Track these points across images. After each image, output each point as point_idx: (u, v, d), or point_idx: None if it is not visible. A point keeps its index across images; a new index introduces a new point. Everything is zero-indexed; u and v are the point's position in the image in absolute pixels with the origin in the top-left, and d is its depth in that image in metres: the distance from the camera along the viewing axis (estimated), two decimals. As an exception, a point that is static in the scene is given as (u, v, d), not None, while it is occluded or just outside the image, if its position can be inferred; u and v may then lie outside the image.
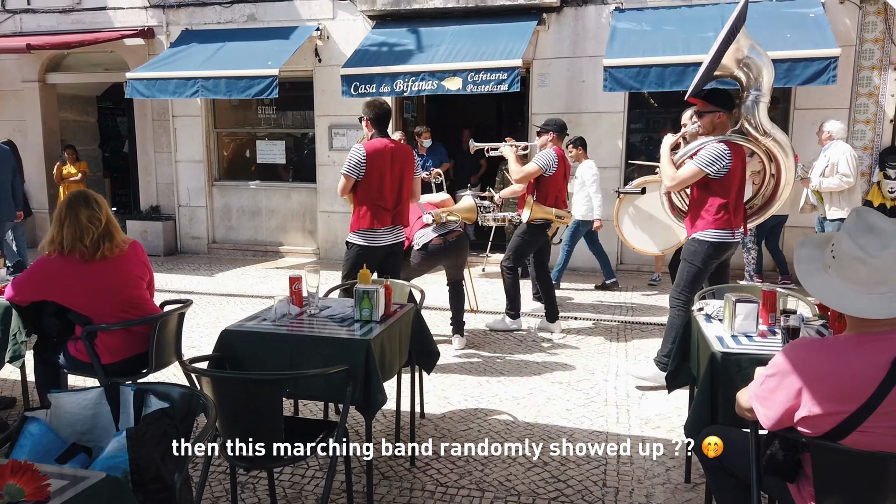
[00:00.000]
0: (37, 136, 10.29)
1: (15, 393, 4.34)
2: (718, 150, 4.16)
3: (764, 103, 4.28)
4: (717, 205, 4.23)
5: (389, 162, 4.45)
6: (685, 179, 4.29)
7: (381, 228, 4.50)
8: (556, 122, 5.78)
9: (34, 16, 9.83)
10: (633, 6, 7.99)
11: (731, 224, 4.26)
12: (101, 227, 3.22)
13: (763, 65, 4.29)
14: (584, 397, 4.41)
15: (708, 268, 4.35)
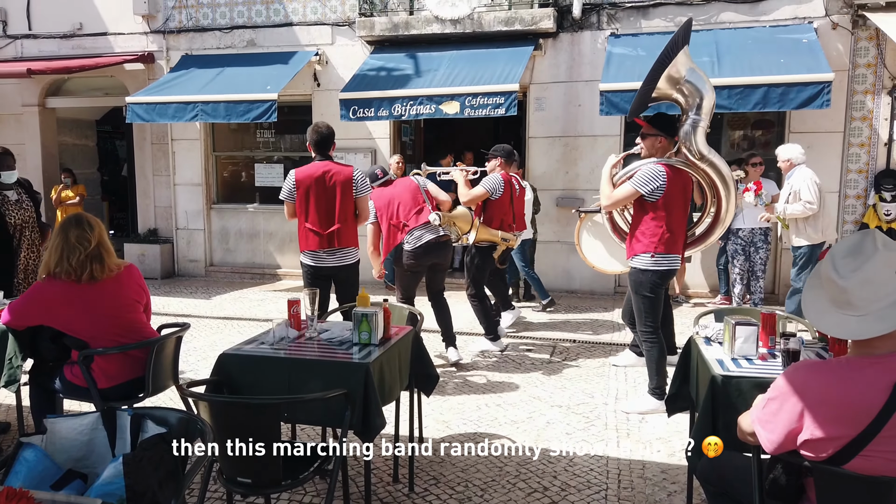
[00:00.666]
0: (36, 159, 10.31)
1: (10, 418, 4.30)
2: (654, 171, 4.18)
3: (702, 128, 4.26)
4: (653, 227, 4.25)
5: (323, 185, 4.58)
6: (620, 199, 4.36)
7: (317, 251, 4.65)
8: (503, 148, 5.93)
9: (35, 41, 9.92)
10: (628, 32, 8.09)
11: (666, 247, 4.25)
12: (89, 247, 3.19)
13: (702, 88, 4.25)
14: (584, 421, 4.38)
15: (658, 294, 4.36)
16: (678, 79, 4.23)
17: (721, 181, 4.41)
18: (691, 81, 4.24)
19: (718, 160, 4.37)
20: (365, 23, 8.48)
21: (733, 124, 8.53)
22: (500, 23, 8.11)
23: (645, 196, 4.21)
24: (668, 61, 4.17)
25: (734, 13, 7.81)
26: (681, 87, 4.25)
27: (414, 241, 5.17)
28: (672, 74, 4.19)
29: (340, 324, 3.57)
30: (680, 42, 4.19)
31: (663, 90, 4.26)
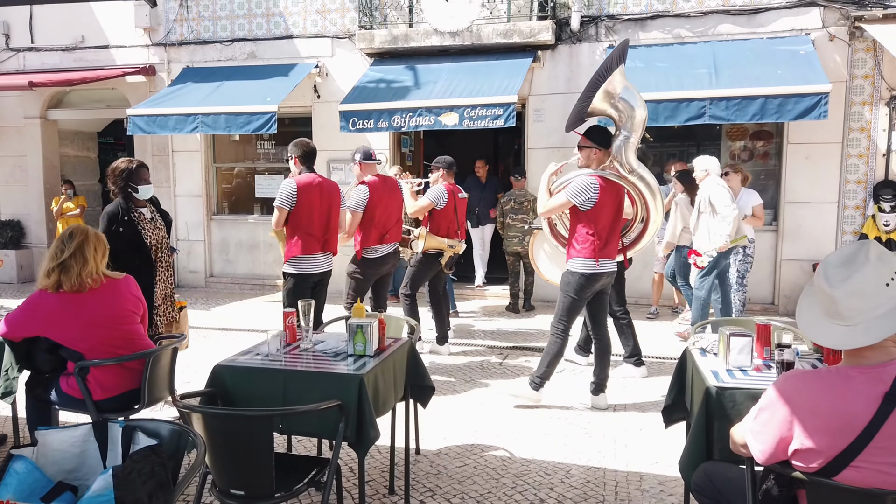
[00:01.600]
0: (37, 171, 10.37)
1: (7, 429, 4.29)
2: (587, 182, 4.40)
3: (633, 143, 4.46)
4: (584, 235, 4.48)
5: (318, 195, 4.86)
6: (554, 208, 4.63)
7: (312, 255, 4.88)
8: (444, 159, 6.23)
9: (38, 54, 9.99)
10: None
11: (598, 254, 4.47)
12: (60, 258, 3.20)
13: (635, 106, 4.44)
14: (582, 432, 4.36)
15: (582, 297, 4.59)
16: (613, 96, 4.43)
17: (649, 193, 4.60)
18: (625, 99, 4.44)
19: (647, 174, 4.58)
20: (365, 35, 8.53)
21: (732, 135, 8.55)
22: (499, 35, 8.16)
23: (577, 206, 4.43)
24: (602, 80, 4.37)
25: (731, 25, 7.85)
26: (615, 104, 4.44)
27: (374, 251, 5.48)
28: (608, 91, 4.40)
29: (336, 335, 3.56)
30: (615, 61, 4.39)
31: (599, 106, 4.47)
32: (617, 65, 4.36)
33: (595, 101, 4.41)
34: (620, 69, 4.39)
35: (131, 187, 4.38)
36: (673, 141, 8.91)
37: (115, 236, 4.10)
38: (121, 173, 4.37)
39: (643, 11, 8.09)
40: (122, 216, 4.30)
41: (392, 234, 5.59)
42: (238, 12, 9.29)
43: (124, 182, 4.38)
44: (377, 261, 5.52)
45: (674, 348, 6.23)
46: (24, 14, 9.90)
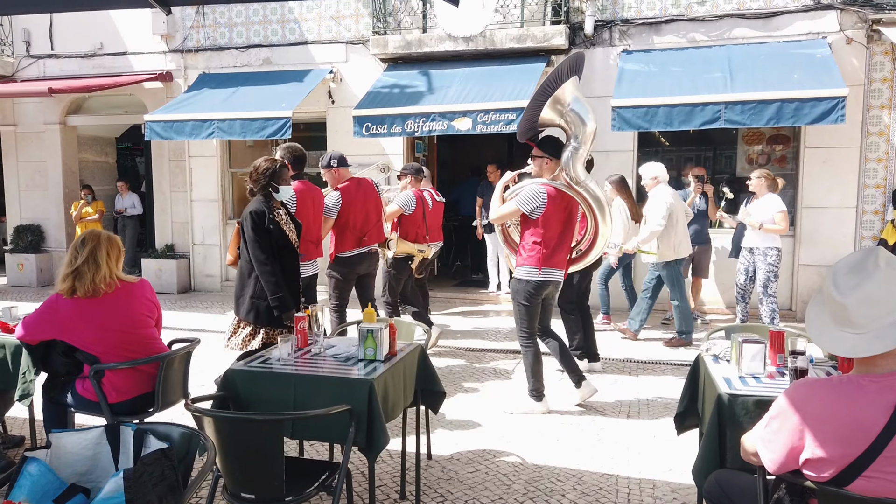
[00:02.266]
0: (57, 176, 10.52)
1: (24, 432, 4.34)
2: (536, 191, 4.48)
3: (581, 154, 4.46)
4: (531, 243, 4.56)
5: (311, 201, 5.08)
6: (504, 215, 4.70)
7: (308, 261, 5.07)
8: (412, 166, 6.54)
9: (57, 60, 10.15)
10: (641, 48, 8.10)
11: (542, 263, 4.52)
12: (75, 264, 3.25)
13: (584, 118, 4.46)
14: (595, 438, 4.34)
15: (533, 303, 4.63)
16: (563, 108, 4.46)
17: (596, 204, 4.64)
18: (575, 111, 4.46)
19: (594, 185, 4.62)
20: (378, 41, 8.57)
21: (749, 139, 8.48)
22: (512, 40, 8.16)
23: (527, 214, 4.51)
24: (551, 89, 4.41)
25: (747, 28, 7.79)
26: (565, 116, 4.47)
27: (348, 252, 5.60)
28: (557, 101, 4.43)
29: (346, 339, 3.58)
30: (566, 73, 4.42)
31: (549, 117, 4.50)
32: (568, 76, 4.40)
33: (544, 111, 4.44)
34: (573, 80, 4.43)
35: (273, 187, 4.20)
36: (689, 145, 8.86)
37: (265, 235, 4.01)
38: (264, 172, 4.20)
39: (657, 15, 8.05)
40: (267, 215, 4.09)
41: (371, 237, 5.66)
42: (254, 18, 9.37)
43: (267, 181, 4.19)
44: (351, 260, 5.59)
45: (689, 354, 6.18)
46: (44, 22, 10.06)
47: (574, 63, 4.47)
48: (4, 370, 3.65)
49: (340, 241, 5.56)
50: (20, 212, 10.84)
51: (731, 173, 8.77)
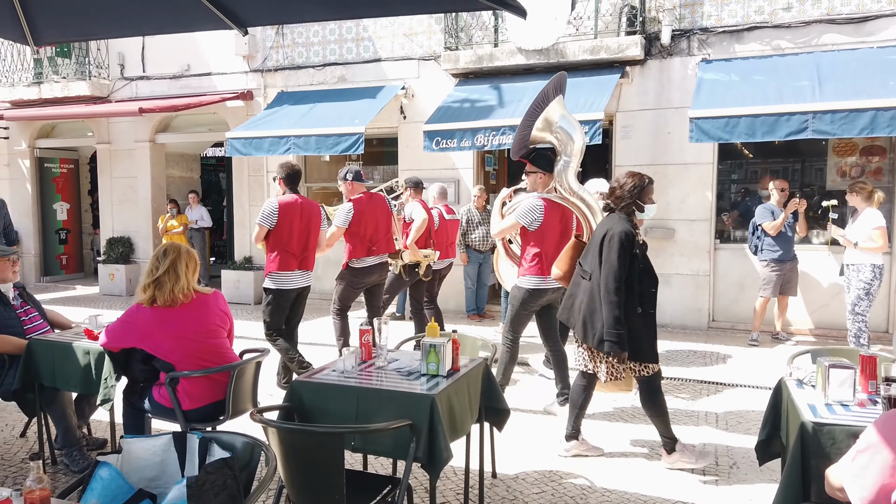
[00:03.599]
0: (146, 191, 11.10)
1: (108, 435, 4.54)
2: (533, 205, 4.77)
3: (572, 167, 4.78)
4: (532, 254, 4.83)
5: (298, 215, 5.27)
6: (505, 229, 4.98)
7: (289, 272, 5.31)
8: (411, 179, 6.88)
9: (148, 82, 10.74)
10: (721, 57, 7.81)
11: (542, 271, 4.77)
12: (155, 274, 3.37)
13: (572, 134, 4.77)
14: (668, 463, 4.13)
15: (528, 310, 4.90)
16: (552, 125, 4.79)
17: (591, 213, 4.86)
18: (563, 128, 4.78)
19: (587, 195, 4.87)
20: (450, 56, 8.63)
21: (839, 151, 8.02)
22: (586, 52, 8.04)
23: (525, 226, 4.78)
24: (539, 110, 4.72)
25: (837, 34, 7.38)
26: (555, 133, 4.78)
27: (360, 262, 5.80)
28: (546, 120, 4.76)
29: (410, 353, 3.56)
30: (552, 92, 4.73)
31: (539, 135, 4.81)
32: (554, 96, 4.71)
33: (535, 130, 4.76)
34: (558, 99, 4.73)
35: (637, 205, 3.91)
36: (774, 157, 8.45)
37: (627, 260, 3.73)
38: (631, 189, 3.88)
39: (739, 23, 7.75)
40: (634, 238, 3.79)
41: (380, 247, 5.90)
42: (330, 38, 9.63)
43: (632, 198, 3.89)
44: (362, 270, 5.81)
45: (773, 378, 5.84)
46: (137, 46, 10.68)
47: (558, 83, 4.78)
48: (89, 375, 3.82)
49: (353, 251, 5.79)
50: (112, 224, 11.48)
51: (820, 186, 8.31)
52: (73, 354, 3.85)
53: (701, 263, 8.05)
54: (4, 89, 11.35)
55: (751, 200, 8.35)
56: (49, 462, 4.10)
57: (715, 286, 8.12)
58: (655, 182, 7.11)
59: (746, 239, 7.78)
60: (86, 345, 3.86)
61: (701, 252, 8.04)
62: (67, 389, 4.05)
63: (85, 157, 12.95)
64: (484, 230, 8.25)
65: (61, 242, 12.56)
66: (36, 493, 1.75)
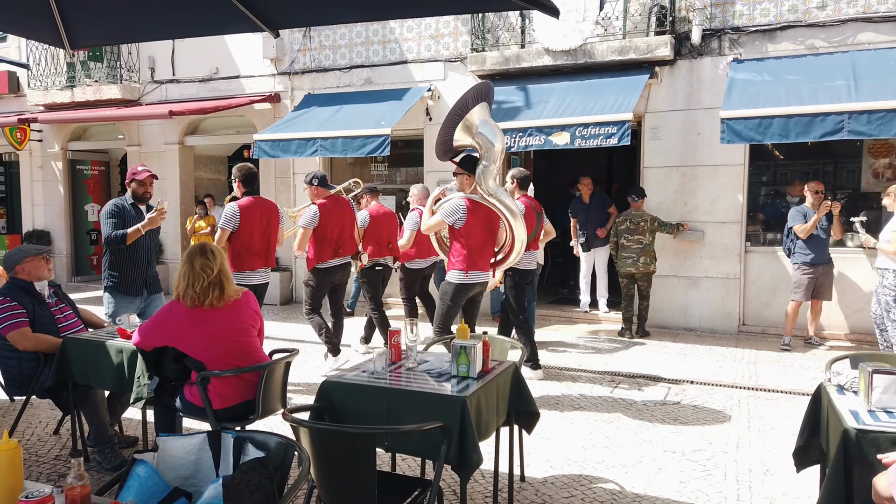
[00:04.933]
0: (174, 192, 11.23)
1: (139, 433, 4.59)
2: (456, 204, 5.08)
3: (491, 171, 5.01)
4: (457, 250, 5.14)
5: (258, 215, 5.52)
6: (432, 226, 5.26)
7: (255, 271, 5.60)
8: (368, 186, 7.30)
9: (178, 85, 10.89)
10: (753, 57, 7.69)
11: (468, 267, 5.10)
12: (212, 275, 3.37)
13: (492, 139, 5.01)
14: (701, 469, 4.07)
15: (456, 304, 5.20)
16: (472, 130, 5.02)
17: (510, 214, 5.10)
18: (483, 133, 5.01)
19: (505, 197, 5.12)
20: (476, 58, 8.61)
21: (875, 152, 7.84)
22: (614, 52, 7.97)
23: (451, 224, 5.09)
24: (459, 116, 4.95)
25: (874, 33, 7.22)
26: (476, 138, 5.02)
27: (324, 262, 6.05)
28: (466, 126, 4.99)
29: (440, 355, 3.54)
30: (471, 101, 4.95)
31: (462, 139, 5.06)
32: (474, 103, 4.96)
33: (457, 134, 5.02)
34: (480, 106, 4.98)
35: None
36: (807, 158, 8.29)
37: None
38: None
39: (772, 22, 7.62)
40: None
41: (345, 249, 6.16)
42: (356, 40, 9.67)
43: None
44: (326, 270, 6.07)
45: (807, 383, 5.73)
46: (167, 49, 10.83)
47: (478, 92, 5.02)
48: (121, 374, 3.87)
49: (318, 252, 6.01)
50: (142, 226, 11.63)
51: (854, 188, 8.13)
52: (107, 353, 3.90)
53: (731, 266, 7.92)
54: (39, 93, 11.58)
55: (782, 202, 8.21)
56: (82, 459, 4.15)
57: (746, 289, 7.99)
58: (684, 183, 7.05)
59: (778, 241, 7.65)
60: (119, 343, 3.91)
61: (731, 255, 7.92)
62: (100, 387, 4.10)
63: (116, 160, 13.16)
64: (510, 232, 8.20)
65: (92, 243, 12.77)
66: (77, 489, 1.77)
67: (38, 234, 12.37)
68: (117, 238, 4.82)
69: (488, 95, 5.13)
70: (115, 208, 4.90)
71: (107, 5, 3.54)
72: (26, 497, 1.68)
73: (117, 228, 4.86)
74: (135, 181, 5.01)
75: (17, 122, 11.32)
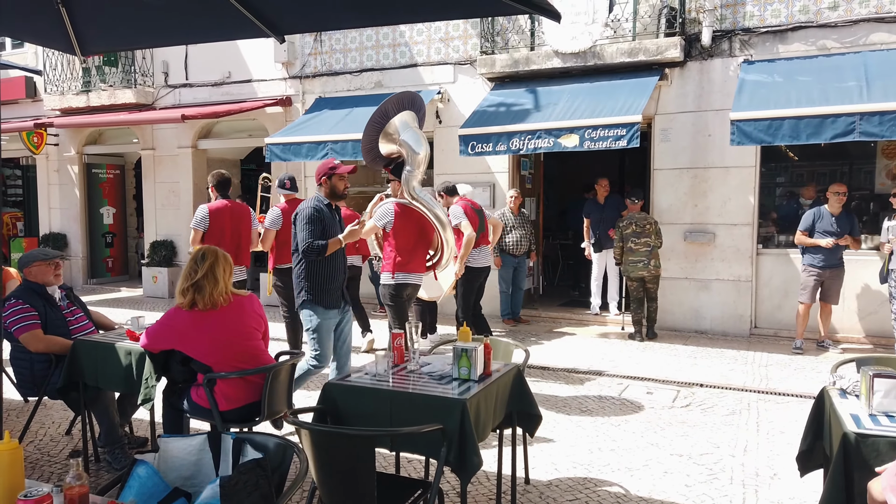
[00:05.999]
0: (188, 195, 11.35)
1: (148, 434, 4.64)
2: (386, 209, 5.38)
3: (414, 176, 5.27)
4: (387, 252, 5.44)
5: (228, 217, 5.93)
6: (368, 230, 5.44)
7: None
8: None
9: (191, 89, 11.00)
10: (764, 58, 7.64)
11: (396, 269, 5.38)
12: (194, 277, 3.42)
13: (414, 147, 5.26)
14: (707, 473, 4.05)
15: (397, 302, 5.44)
16: (395, 138, 5.30)
17: (434, 218, 5.37)
18: (405, 140, 5.27)
19: (429, 201, 5.36)
20: (486, 60, 8.63)
21: (889, 153, 7.77)
22: (623, 54, 7.95)
23: (382, 228, 5.38)
24: (379, 126, 5.24)
25: (886, 34, 7.15)
26: (400, 145, 5.28)
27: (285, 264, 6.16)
28: (389, 134, 5.28)
29: (442, 357, 3.56)
30: (392, 110, 5.24)
31: (386, 146, 5.34)
32: (394, 112, 5.24)
33: (381, 142, 5.32)
34: (405, 114, 5.26)
35: None
36: (821, 160, 8.23)
37: None
38: None
39: (783, 23, 7.57)
40: None
41: None
42: (367, 44, 9.72)
43: None
44: (287, 270, 6.03)
45: (818, 387, 5.67)
46: (180, 54, 10.95)
47: (400, 101, 5.31)
48: (130, 376, 3.92)
49: (279, 255, 6.23)
50: (156, 228, 11.78)
51: (869, 190, 8.05)
52: (116, 355, 3.95)
53: (742, 269, 7.87)
54: (55, 97, 11.75)
55: (795, 204, 8.14)
56: (92, 459, 4.22)
57: (757, 292, 7.93)
58: (695, 185, 7.04)
59: (791, 243, 7.58)
60: (128, 345, 3.96)
61: (742, 257, 7.86)
62: (110, 389, 4.16)
63: (130, 163, 13.32)
64: (518, 234, 8.20)
65: (107, 246, 12.93)
66: (75, 489, 1.80)
67: (55, 237, 12.54)
68: (317, 249, 4.34)
69: (414, 104, 5.42)
70: (316, 213, 4.39)
71: (115, 13, 3.59)
72: (25, 496, 1.71)
73: (317, 236, 4.36)
74: (334, 175, 4.54)
75: (34, 126, 11.49)
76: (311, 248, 4.32)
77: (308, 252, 4.35)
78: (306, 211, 4.40)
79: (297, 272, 4.53)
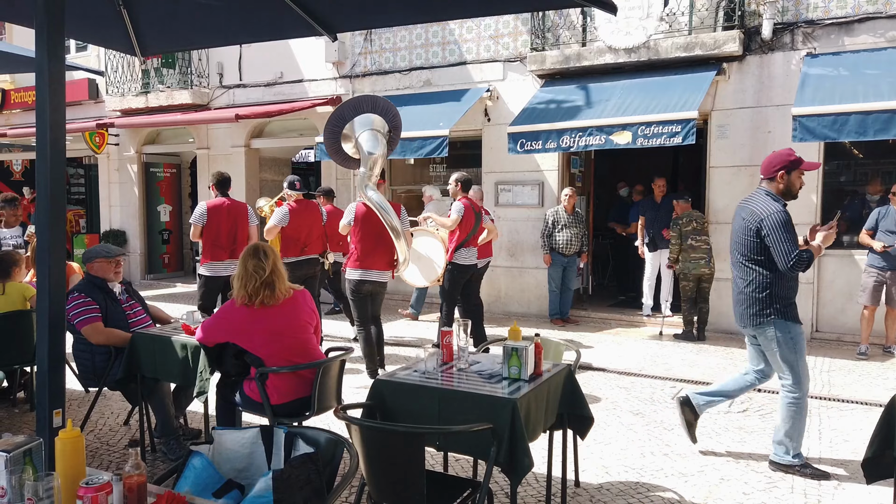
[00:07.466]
0: (240, 194, 11.56)
1: (201, 426, 4.74)
2: (350, 209, 5.79)
3: (367, 176, 5.50)
4: (351, 249, 5.81)
5: (225, 214, 6.48)
6: (342, 227, 5.82)
7: (220, 262, 6.48)
8: (323, 188, 8.36)
9: (244, 90, 11.23)
10: (828, 51, 7.33)
11: (360, 264, 5.72)
12: (263, 275, 3.47)
13: (369, 149, 5.49)
14: (766, 481, 3.90)
15: (358, 297, 5.80)
16: (352, 140, 5.57)
17: (386, 224, 5.55)
18: (359, 142, 5.54)
19: (380, 202, 5.53)
20: (536, 57, 8.53)
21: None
22: (679, 49, 7.75)
23: (345, 226, 5.78)
24: (338, 130, 5.52)
25: (962, 22, 6.78)
26: (356, 149, 5.59)
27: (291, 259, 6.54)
28: (346, 136, 5.55)
29: (491, 356, 3.52)
30: (348, 114, 5.49)
31: (349, 149, 5.66)
32: (352, 115, 5.48)
33: (343, 145, 5.62)
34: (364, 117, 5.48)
35: None
36: (887, 157, 7.86)
37: None
38: None
39: (849, 14, 7.25)
40: None
41: (312, 248, 6.74)
42: (416, 42, 9.74)
43: None
44: (293, 265, 6.41)
45: (885, 394, 5.42)
46: (234, 55, 11.19)
47: (358, 104, 5.53)
48: (186, 368, 4.00)
49: (285, 249, 6.54)
50: (210, 226, 12.05)
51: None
52: (172, 348, 4.04)
53: (803, 270, 7.57)
54: (116, 98, 12.16)
55: (860, 202, 7.79)
56: (149, 449, 4.33)
57: (819, 294, 7.63)
58: (754, 183, 6.84)
59: (855, 244, 7.27)
60: (184, 339, 4.05)
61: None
62: (166, 380, 4.26)
63: (186, 162, 13.68)
64: (570, 233, 8.09)
65: (164, 242, 13.32)
66: (134, 478, 1.83)
67: (115, 233, 12.98)
68: (807, 260, 3.73)
69: (376, 106, 5.62)
70: (788, 217, 3.76)
71: (174, 13, 3.68)
72: (86, 483, 1.75)
73: (796, 245, 3.74)
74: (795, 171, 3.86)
75: (96, 127, 11.92)
76: (800, 259, 3.72)
77: (797, 265, 3.72)
78: (775, 216, 3.73)
79: (758, 286, 3.90)
